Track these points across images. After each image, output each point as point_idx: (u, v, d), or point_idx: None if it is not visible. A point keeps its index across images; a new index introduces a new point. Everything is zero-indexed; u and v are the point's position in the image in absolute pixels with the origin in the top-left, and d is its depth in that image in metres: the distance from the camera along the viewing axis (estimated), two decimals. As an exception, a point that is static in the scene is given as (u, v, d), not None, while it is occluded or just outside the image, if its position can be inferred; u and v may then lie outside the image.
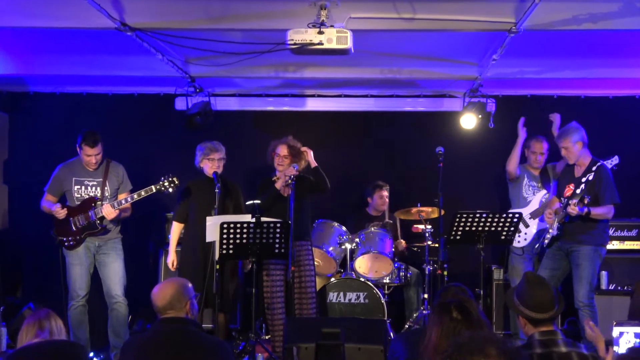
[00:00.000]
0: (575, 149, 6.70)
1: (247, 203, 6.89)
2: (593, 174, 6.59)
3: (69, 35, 6.56)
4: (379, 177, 8.36)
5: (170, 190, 6.60)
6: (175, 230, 6.91)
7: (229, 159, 7.08)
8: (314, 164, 6.85)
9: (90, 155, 6.65)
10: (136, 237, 8.11)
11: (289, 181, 6.57)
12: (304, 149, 6.85)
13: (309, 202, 6.94)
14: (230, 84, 8.35)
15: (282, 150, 6.88)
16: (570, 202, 6.51)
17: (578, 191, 6.54)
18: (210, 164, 6.79)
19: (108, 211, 6.61)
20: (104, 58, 7.34)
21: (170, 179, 6.59)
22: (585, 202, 6.42)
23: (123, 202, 6.65)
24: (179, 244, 6.94)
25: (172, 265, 6.82)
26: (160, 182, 6.60)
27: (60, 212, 6.62)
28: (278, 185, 6.78)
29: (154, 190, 6.59)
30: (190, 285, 4.25)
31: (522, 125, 7.67)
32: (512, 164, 7.60)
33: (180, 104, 8.25)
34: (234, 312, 7.51)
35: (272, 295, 6.73)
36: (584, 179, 6.59)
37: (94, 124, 7.39)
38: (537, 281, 3.96)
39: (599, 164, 6.68)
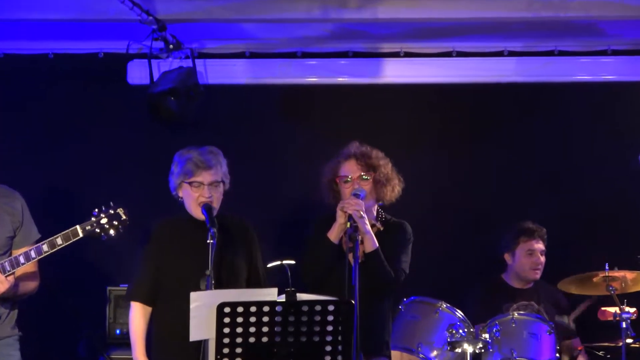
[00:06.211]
0: None
1: (270, 265, 6.91)
2: None
3: None
4: (525, 214, 8.36)
5: (112, 232, 6.57)
6: (137, 316, 6.72)
7: (233, 178, 6.93)
8: (371, 246, 6.74)
9: None
10: (53, 332, 8.26)
11: (349, 224, 6.55)
12: (342, 205, 6.69)
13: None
14: (234, 32, 8.55)
15: (350, 169, 6.88)
16: None
17: None
18: (195, 192, 6.64)
19: (-7, 281, 6.83)
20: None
21: (110, 213, 6.56)
22: None
23: (22, 261, 6.54)
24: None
25: None
26: (93, 219, 6.53)
27: None
28: (332, 233, 6.76)
29: (81, 235, 6.50)
30: None
31: None
32: None
33: (137, 73, 8.58)
34: None
35: None
36: None
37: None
38: None
39: None
